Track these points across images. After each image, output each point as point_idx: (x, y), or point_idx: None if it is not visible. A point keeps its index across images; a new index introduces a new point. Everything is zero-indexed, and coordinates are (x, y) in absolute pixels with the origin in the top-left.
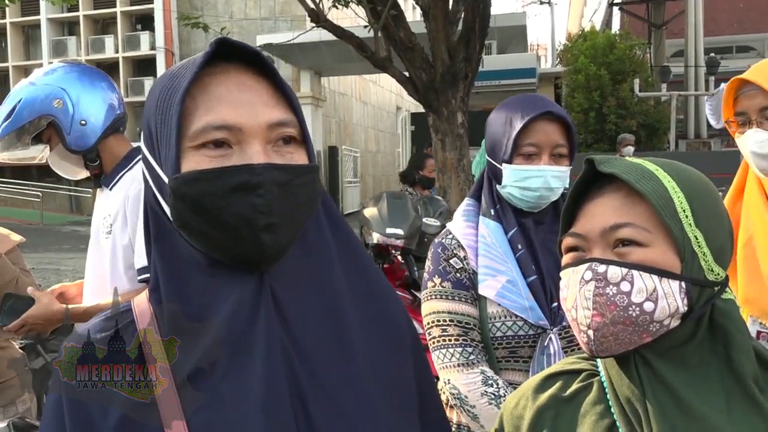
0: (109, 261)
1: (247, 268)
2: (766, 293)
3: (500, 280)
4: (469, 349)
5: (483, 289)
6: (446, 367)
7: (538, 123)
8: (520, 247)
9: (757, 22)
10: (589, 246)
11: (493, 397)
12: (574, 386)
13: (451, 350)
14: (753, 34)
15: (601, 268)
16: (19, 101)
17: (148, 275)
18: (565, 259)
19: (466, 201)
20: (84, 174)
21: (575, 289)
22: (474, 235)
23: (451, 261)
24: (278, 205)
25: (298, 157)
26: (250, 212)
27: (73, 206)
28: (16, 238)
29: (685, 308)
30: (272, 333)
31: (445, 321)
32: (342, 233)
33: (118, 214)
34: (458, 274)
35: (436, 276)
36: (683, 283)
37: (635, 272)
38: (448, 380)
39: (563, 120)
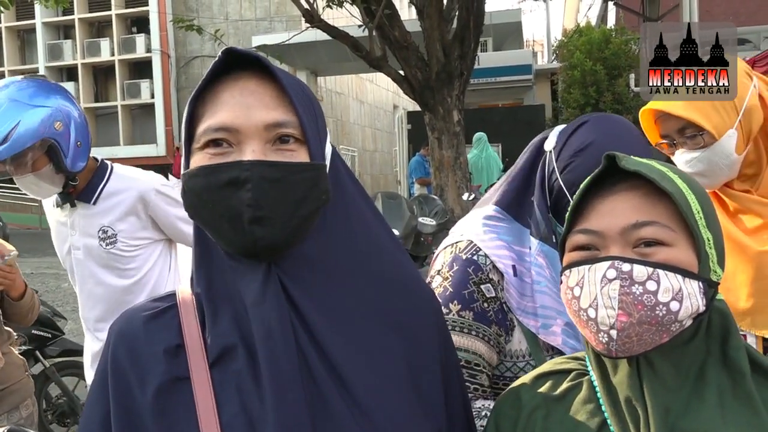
0: (118, 266)
1: (254, 260)
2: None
3: (560, 324)
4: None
5: (547, 336)
6: None
7: None
8: None
9: (754, 14)
10: (605, 244)
11: None
12: (564, 385)
13: None
14: (749, 27)
15: (626, 266)
16: (17, 123)
17: None
18: (573, 256)
19: (494, 210)
20: (55, 192)
21: (594, 288)
22: (511, 258)
23: (482, 287)
24: (268, 200)
25: (299, 156)
26: (239, 206)
27: None
28: (10, 247)
29: (704, 308)
30: (284, 321)
31: None
32: (369, 225)
33: (120, 223)
34: (486, 304)
35: (456, 301)
36: (701, 283)
37: (660, 271)
38: None
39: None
